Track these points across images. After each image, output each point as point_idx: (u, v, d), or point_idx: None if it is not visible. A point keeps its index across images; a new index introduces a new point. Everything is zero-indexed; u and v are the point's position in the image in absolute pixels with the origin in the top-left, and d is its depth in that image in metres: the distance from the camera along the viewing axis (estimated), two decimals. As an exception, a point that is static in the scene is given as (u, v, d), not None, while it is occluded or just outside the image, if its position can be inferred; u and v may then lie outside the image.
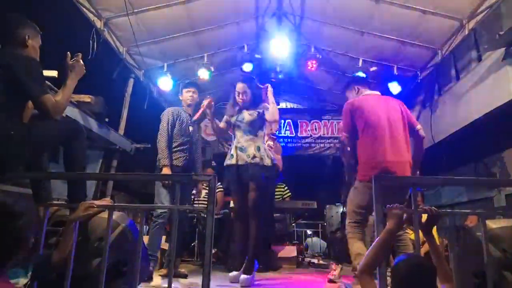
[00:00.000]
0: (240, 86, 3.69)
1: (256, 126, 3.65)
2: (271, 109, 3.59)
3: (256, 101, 3.70)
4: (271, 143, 4.53)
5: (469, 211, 3.11)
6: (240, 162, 3.57)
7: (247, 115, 3.65)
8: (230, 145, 3.89)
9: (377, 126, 2.93)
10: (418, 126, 3.11)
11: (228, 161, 3.67)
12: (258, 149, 3.58)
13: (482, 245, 1.84)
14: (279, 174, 5.12)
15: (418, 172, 3.14)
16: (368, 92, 3.24)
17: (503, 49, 3.89)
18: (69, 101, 2.55)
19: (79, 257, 1.96)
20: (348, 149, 3.19)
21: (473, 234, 2.17)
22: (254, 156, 3.53)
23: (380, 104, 3.05)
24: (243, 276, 3.35)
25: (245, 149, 3.58)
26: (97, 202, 2.05)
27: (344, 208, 4.59)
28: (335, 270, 3.86)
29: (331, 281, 3.77)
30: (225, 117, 3.84)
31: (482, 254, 1.84)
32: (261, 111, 3.66)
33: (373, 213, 1.97)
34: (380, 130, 2.92)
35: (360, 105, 3.03)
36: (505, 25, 3.77)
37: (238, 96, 3.70)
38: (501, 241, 2.00)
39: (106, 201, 2.13)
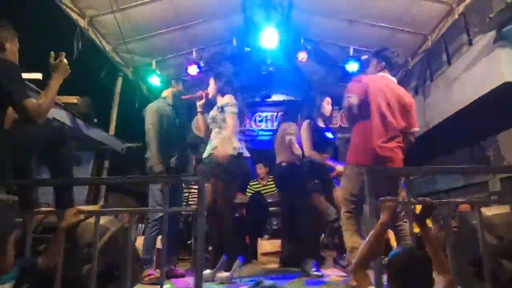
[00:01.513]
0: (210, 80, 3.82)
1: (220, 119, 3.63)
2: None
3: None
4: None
5: (463, 200, 3.07)
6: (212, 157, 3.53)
7: (212, 112, 3.71)
8: None
9: (379, 112, 2.87)
10: (415, 129, 3.07)
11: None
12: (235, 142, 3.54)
13: (478, 233, 1.82)
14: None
15: None
16: (386, 74, 3.12)
17: (494, 32, 3.85)
18: (53, 103, 2.47)
19: (68, 263, 1.91)
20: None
21: (469, 223, 2.15)
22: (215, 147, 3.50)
23: (388, 89, 2.96)
24: (222, 274, 3.31)
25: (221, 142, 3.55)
26: (85, 208, 2.01)
27: None
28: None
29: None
30: None
31: (478, 242, 1.81)
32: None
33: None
34: (381, 116, 2.86)
35: (369, 85, 2.94)
36: (496, 8, 3.72)
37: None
38: (496, 229, 1.98)
39: (96, 206, 2.09)
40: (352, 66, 5.90)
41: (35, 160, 2.65)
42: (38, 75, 3.47)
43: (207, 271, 3.40)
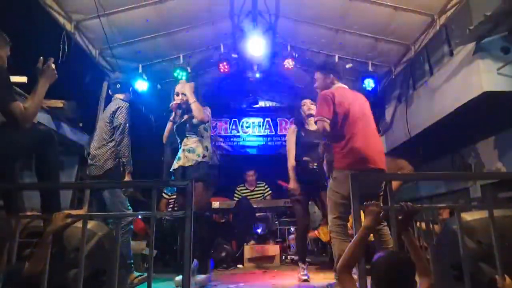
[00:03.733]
0: (189, 85, 3.86)
1: (199, 128, 3.77)
2: (194, 110, 3.67)
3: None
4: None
5: (444, 205, 3.15)
6: (185, 164, 3.65)
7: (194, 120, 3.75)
8: None
9: (354, 118, 2.99)
10: None
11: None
12: (207, 149, 3.71)
13: (458, 237, 1.88)
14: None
15: None
16: (340, 84, 3.25)
17: (474, 43, 3.98)
18: (39, 108, 2.46)
19: (55, 269, 1.90)
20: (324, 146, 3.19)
21: (449, 227, 2.21)
22: (204, 155, 3.64)
23: (353, 97, 3.14)
24: (200, 276, 3.40)
25: (192, 150, 3.68)
26: (72, 212, 2.00)
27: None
28: (305, 269, 3.87)
29: (305, 281, 3.74)
30: None
31: (458, 246, 1.87)
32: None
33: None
34: (358, 122, 2.99)
35: (339, 96, 3.05)
36: (475, 20, 3.85)
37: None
38: (476, 233, 2.04)
39: (82, 210, 2.08)
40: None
41: (20, 164, 2.63)
42: (23, 78, 3.44)
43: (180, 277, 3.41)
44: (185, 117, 3.81)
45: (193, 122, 3.74)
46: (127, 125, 3.52)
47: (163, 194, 5.43)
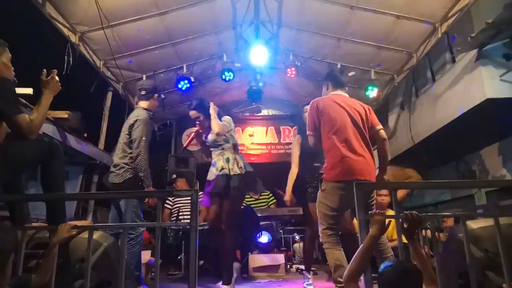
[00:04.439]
0: (191, 113, 3.88)
1: (220, 141, 3.81)
2: (212, 124, 3.72)
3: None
4: None
5: (449, 213, 3.13)
6: (210, 177, 3.77)
7: (210, 136, 3.85)
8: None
9: (342, 126, 2.90)
10: (379, 127, 3.08)
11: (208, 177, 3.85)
12: (228, 160, 3.75)
13: (464, 246, 1.87)
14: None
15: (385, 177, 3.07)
16: (336, 92, 3.19)
17: (476, 50, 3.99)
18: (44, 119, 2.48)
19: (61, 280, 1.91)
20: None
21: (455, 235, 2.20)
22: (222, 168, 3.70)
23: (345, 105, 3.01)
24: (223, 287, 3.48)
25: (214, 163, 3.79)
26: (78, 223, 2.01)
27: None
28: (309, 278, 3.84)
29: None
30: None
31: (464, 255, 1.86)
32: None
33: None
34: (344, 131, 2.89)
35: (326, 105, 3.00)
36: (477, 27, 3.87)
37: (196, 122, 3.91)
38: (482, 241, 2.03)
39: (87, 221, 2.09)
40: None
41: (26, 175, 2.64)
42: (29, 90, 3.47)
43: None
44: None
45: (210, 137, 3.84)
46: (143, 138, 3.40)
47: (166, 205, 5.44)
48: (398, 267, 1.60)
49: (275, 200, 6.30)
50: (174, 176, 6.07)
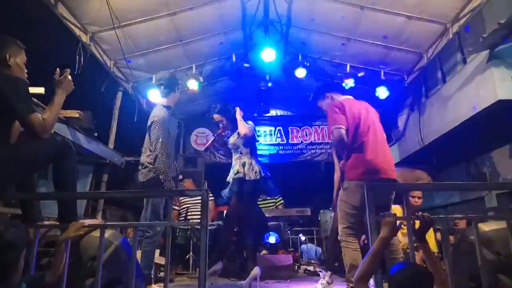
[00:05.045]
0: (215, 116, 4.13)
1: (239, 145, 4.03)
2: (239, 127, 4.00)
3: (235, 123, 4.06)
4: None
5: (461, 215, 3.10)
6: (228, 179, 4.03)
7: (231, 138, 4.09)
8: (222, 155, 4.24)
9: (365, 127, 2.95)
10: None
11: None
12: (244, 165, 3.93)
13: (476, 249, 1.85)
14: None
15: None
16: (345, 96, 3.22)
17: (487, 51, 3.95)
18: (57, 119, 2.50)
19: (72, 278, 1.92)
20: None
21: (467, 238, 2.18)
22: (238, 172, 3.91)
23: (362, 107, 3.08)
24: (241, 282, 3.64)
25: (233, 166, 4.02)
26: (88, 221, 2.02)
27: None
28: (323, 278, 3.81)
29: None
30: None
31: (476, 257, 1.85)
32: None
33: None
34: (368, 131, 2.94)
35: (349, 106, 3.02)
36: (488, 28, 3.82)
37: (219, 125, 4.12)
38: (494, 244, 2.01)
39: (97, 220, 2.10)
40: (348, 83, 5.99)
41: (38, 173, 2.67)
42: (41, 90, 3.50)
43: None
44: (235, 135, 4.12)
45: (230, 140, 4.08)
46: (160, 140, 3.33)
47: (173, 206, 5.46)
48: (410, 269, 1.59)
49: (282, 201, 6.31)
50: (181, 176, 6.09)
